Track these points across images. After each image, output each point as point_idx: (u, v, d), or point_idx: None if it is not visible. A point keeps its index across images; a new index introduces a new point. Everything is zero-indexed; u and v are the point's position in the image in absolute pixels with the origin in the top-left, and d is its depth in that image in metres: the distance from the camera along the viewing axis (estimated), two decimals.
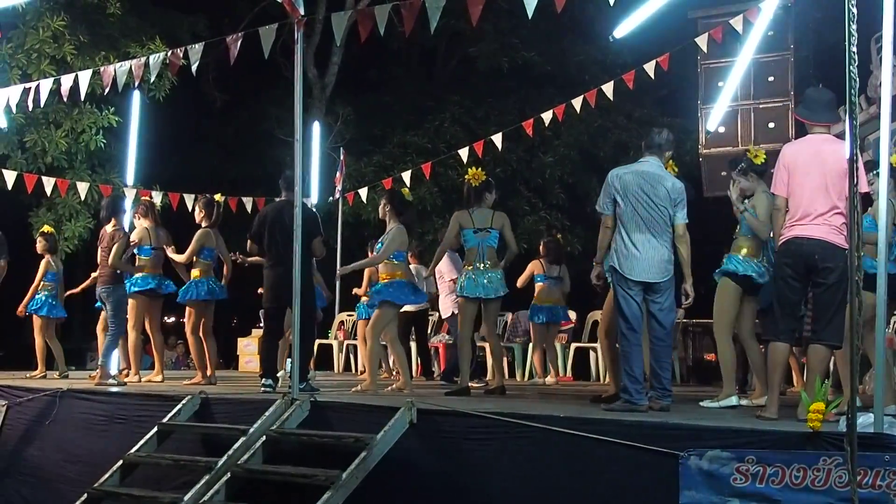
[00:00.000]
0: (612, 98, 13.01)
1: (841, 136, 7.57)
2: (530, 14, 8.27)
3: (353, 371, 15.34)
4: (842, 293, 6.99)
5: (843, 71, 5.47)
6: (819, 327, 7.24)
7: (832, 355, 7.56)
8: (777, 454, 6.13)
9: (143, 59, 10.42)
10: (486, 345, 12.15)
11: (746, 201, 8.71)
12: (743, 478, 6.16)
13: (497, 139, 14.39)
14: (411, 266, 12.44)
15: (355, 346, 14.94)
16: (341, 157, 17.08)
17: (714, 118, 13.05)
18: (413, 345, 14.00)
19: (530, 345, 14.00)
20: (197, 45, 9.66)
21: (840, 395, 7.16)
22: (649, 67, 12.28)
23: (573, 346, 14.54)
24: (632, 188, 7.86)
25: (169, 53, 10.15)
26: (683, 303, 8.08)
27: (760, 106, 14.70)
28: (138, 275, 11.44)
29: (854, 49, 5.37)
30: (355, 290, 13.35)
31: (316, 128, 16.85)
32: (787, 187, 7.29)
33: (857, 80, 5.45)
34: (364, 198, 17.62)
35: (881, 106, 6.81)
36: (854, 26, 5.39)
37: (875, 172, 7.49)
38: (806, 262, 7.18)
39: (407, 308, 11.41)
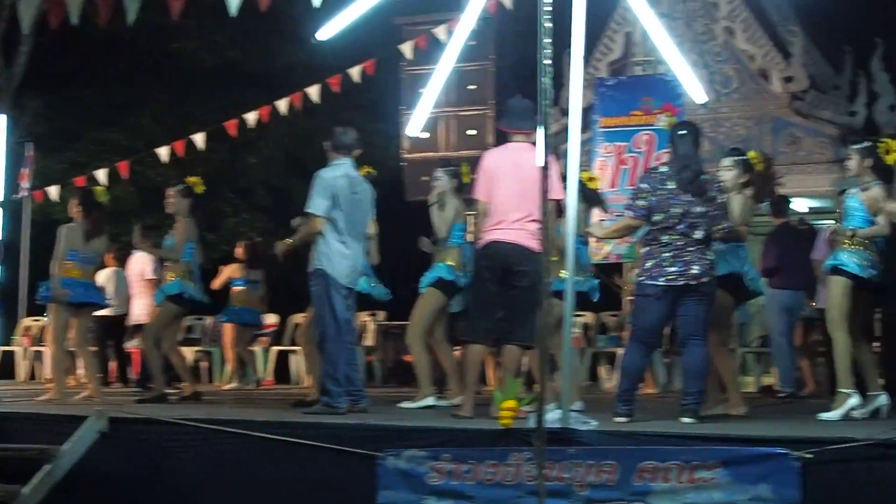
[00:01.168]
0: (317, 101, 13.06)
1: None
2: (234, 12, 8.17)
3: (39, 379, 14.57)
4: (535, 297, 7.28)
5: (538, 82, 5.68)
6: (513, 328, 7.49)
7: (524, 355, 7.84)
8: (471, 451, 6.31)
9: None
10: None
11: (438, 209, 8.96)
12: (438, 476, 6.30)
13: (199, 139, 14.13)
14: (108, 269, 12.09)
15: (41, 353, 14.32)
16: (29, 153, 16.25)
17: (416, 124, 13.29)
18: (110, 350, 13.53)
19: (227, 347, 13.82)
20: None
21: (532, 393, 7.45)
22: (355, 72, 12.41)
23: (274, 349, 14.47)
24: (344, 192, 7.91)
25: None
26: None
27: (461, 113, 15.12)
28: None
29: (548, 62, 5.60)
30: None
31: (0, 120, 15.99)
32: (487, 193, 7.53)
33: (551, 91, 5.67)
34: (54, 196, 16.81)
35: (570, 118, 7.15)
36: (548, 40, 5.62)
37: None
38: (502, 265, 7.41)
39: (104, 312, 11.05)
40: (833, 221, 8.38)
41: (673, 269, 7.12)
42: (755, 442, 5.98)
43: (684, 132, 7.41)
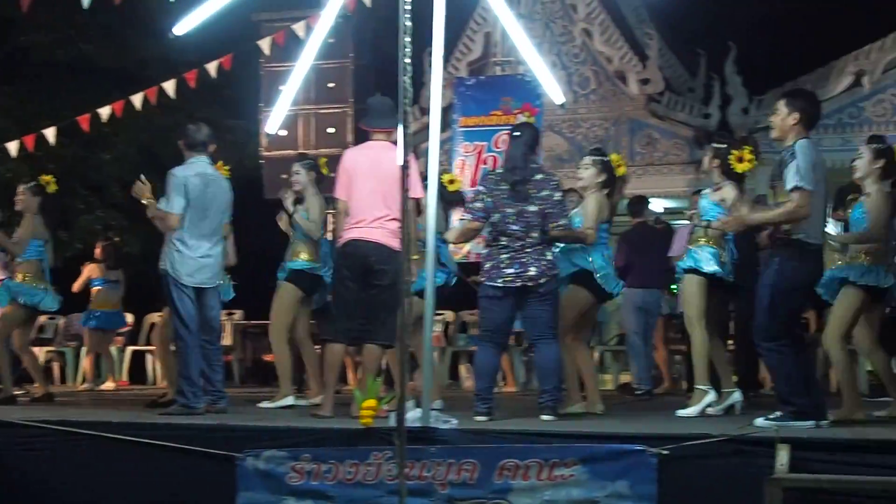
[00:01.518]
0: (173, 97, 12.81)
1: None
2: (86, 4, 7.96)
3: None
4: (395, 296, 7.27)
5: (399, 80, 5.67)
6: (373, 328, 7.48)
7: (384, 354, 7.83)
8: (331, 451, 6.28)
9: None
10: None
11: (300, 205, 8.88)
12: (298, 476, 6.26)
13: (50, 133, 13.74)
14: None
15: None
16: None
17: (275, 121, 13.15)
18: None
19: (83, 349, 13.51)
20: None
21: (392, 392, 7.44)
22: (212, 67, 12.20)
23: (129, 349, 14.18)
24: (196, 191, 7.78)
25: None
26: None
27: (321, 111, 15.01)
28: None
29: (408, 61, 5.59)
30: None
31: None
32: (347, 191, 7.49)
33: (411, 90, 5.66)
34: None
35: (430, 117, 7.16)
36: (408, 39, 5.60)
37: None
38: (362, 264, 7.40)
39: None
40: (688, 221, 8.56)
41: (510, 270, 7.21)
42: (613, 439, 6.07)
43: (518, 134, 7.52)
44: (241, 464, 6.36)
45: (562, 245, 7.83)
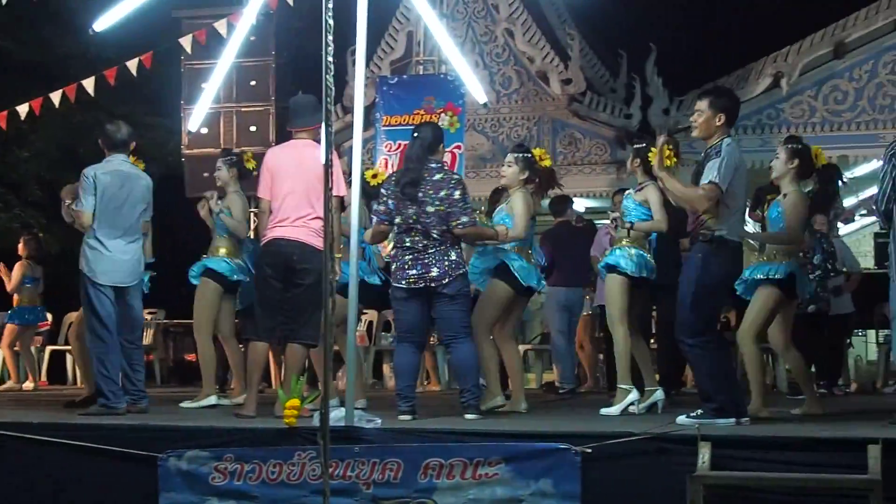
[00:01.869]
0: (93, 94, 12.64)
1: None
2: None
3: None
4: (318, 294, 7.27)
5: (321, 79, 5.65)
6: (296, 327, 7.46)
7: (308, 353, 7.81)
8: (254, 451, 6.25)
9: None
10: None
11: (220, 202, 8.83)
12: (221, 476, 6.22)
13: None
14: None
15: None
16: None
17: (196, 119, 13.03)
18: None
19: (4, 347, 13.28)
20: None
21: (316, 391, 7.42)
22: (132, 65, 12.05)
23: (49, 349, 13.97)
24: (110, 189, 7.69)
25: None
26: None
27: (243, 109, 14.88)
28: None
29: (331, 59, 5.57)
30: None
31: None
32: (270, 190, 7.45)
33: (333, 89, 5.64)
34: None
35: (353, 116, 7.14)
36: (330, 37, 5.58)
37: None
38: (285, 262, 7.37)
39: None
40: (610, 221, 8.62)
41: (413, 271, 7.23)
42: (537, 437, 6.10)
43: (416, 134, 7.52)
44: (163, 464, 6.30)
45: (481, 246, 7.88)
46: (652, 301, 8.83)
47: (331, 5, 5.67)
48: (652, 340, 9.92)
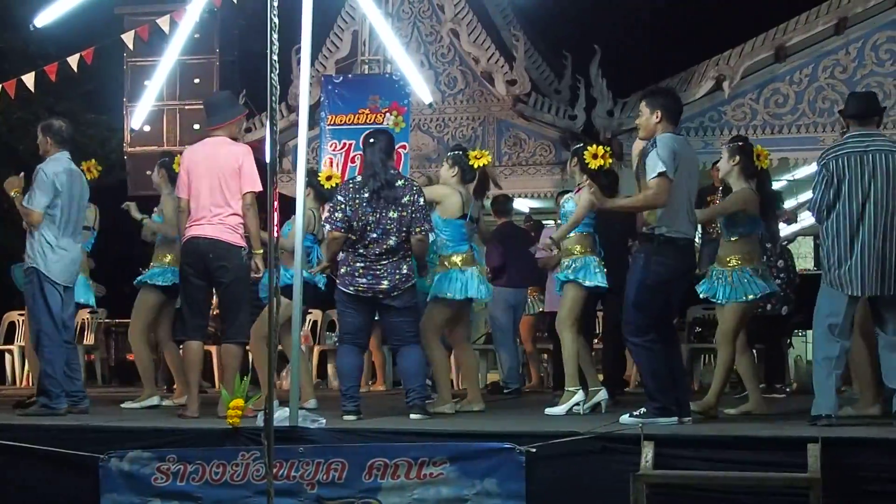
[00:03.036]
0: (33, 90, 12.49)
1: (262, 141, 7.80)
2: None
3: None
4: (242, 291, 7.27)
5: (266, 78, 5.63)
6: (227, 326, 7.49)
7: (245, 352, 7.78)
8: (198, 452, 6.22)
9: None
10: None
11: (157, 209, 8.81)
12: (164, 477, 6.18)
13: None
14: None
15: None
16: None
17: (139, 117, 12.93)
18: None
19: None
20: None
21: (259, 391, 7.39)
22: (73, 60, 11.92)
23: None
24: (66, 188, 7.66)
25: None
26: None
27: (186, 107, 14.81)
28: None
29: (276, 57, 5.54)
30: None
31: None
32: (188, 189, 7.45)
33: (278, 87, 5.62)
34: None
35: (299, 114, 7.12)
36: (276, 35, 5.56)
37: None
38: (203, 260, 7.38)
39: None
40: (553, 221, 8.66)
41: (363, 280, 7.24)
42: (481, 437, 6.11)
43: (373, 140, 7.52)
44: (104, 465, 6.25)
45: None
46: (598, 303, 8.86)
47: (276, 3, 5.66)
48: (596, 341, 9.98)
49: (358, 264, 7.26)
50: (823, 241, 6.72)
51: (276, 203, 5.69)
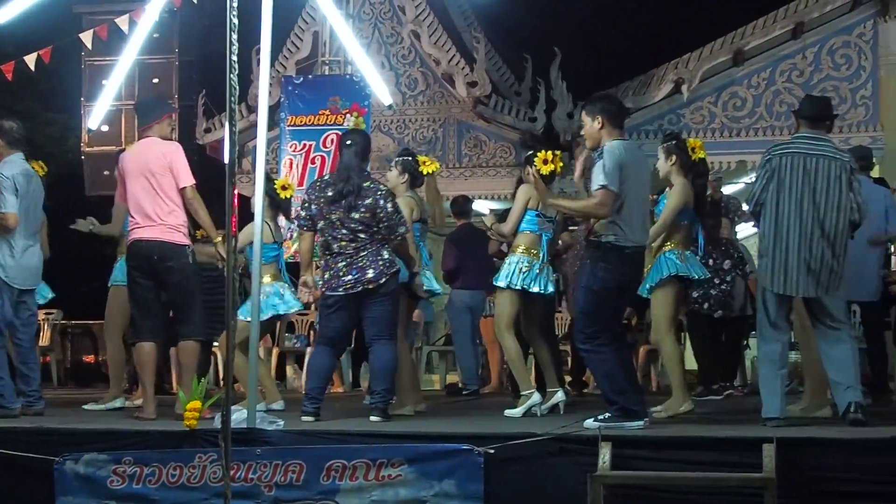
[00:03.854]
0: None
1: (222, 141, 7.77)
2: None
3: None
4: (193, 289, 7.25)
5: (226, 78, 5.62)
6: (181, 324, 7.46)
7: (203, 348, 7.75)
8: (154, 454, 6.18)
9: None
10: None
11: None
12: (120, 479, 6.14)
13: None
14: None
15: None
16: None
17: (97, 116, 12.84)
18: None
19: None
20: None
21: (218, 393, 7.36)
22: (30, 60, 11.82)
23: None
24: (23, 188, 7.62)
25: None
26: None
27: None
28: None
29: (235, 58, 5.53)
30: None
31: None
32: (123, 194, 7.54)
33: (238, 88, 5.60)
34: None
35: (259, 114, 7.10)
36: (235, 36, 5.54)
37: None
38: (149, 263, 7.34)
39: None
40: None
41: (349, 277, 7.20)
42: (439, 439, 6.11)
43: (350, 142, 7.48)
44: (60, 468, 6.20)
45: None
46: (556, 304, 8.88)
47: (235, 4, 5.64)
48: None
49: (340, 263, 7.21)
50: (759, 238, 6.79)
51: (235, 203, 5.66)
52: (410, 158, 8.18)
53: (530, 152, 7.91)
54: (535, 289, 7.70)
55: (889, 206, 8.34)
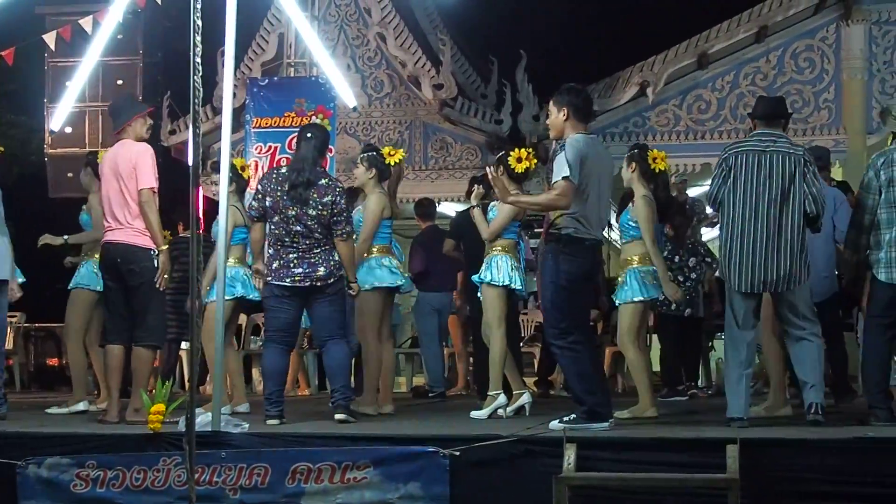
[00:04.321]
0: None
1: (186, 143, 7.73)
2: None
3: None
4: (151, 294, 7.21)
5: (190, 80, 5.59)
6: (136, 329, 7.38)
7: (153, 355, 7.72)
8: (118, 457, 6.14)
9: None
10: None
11: (85, 207, 8.71)
12: (84, 483, 6.10)
13: None
14: None
15: None
16: None
17: (60, 118, 12.77)
18: None
19: None
20: None
21: (183, 396, 7.32)
22: None
23: None
24: None
25: None
26: None
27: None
28: None
29: (199, 60, 5.51)
30: None
31: None
32: (99, 194, 7.44)
33: (202, 90, 5.58)
34: None
35: (223, 116, 7.07)
36: (199, 37, 5.52)
37: None
38: (114, 265, 7.32)
39: None
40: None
41: (298, 270, 7.21)
42: (405, 441, 6.11)
43: (309, 136, 7.47)
44: (22, 472, 6.15)
45: None
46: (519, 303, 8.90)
47: (199, 6, 5.62)
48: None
49: (291, 255, 7.21)
50: (719, 238, 6.85)
51: (198, 204, 5.64)
52: (376, 153, 8.18)
53: (502, 153, 7.92)
54: (517, 286, 7.76)
55: (839, 206, 8.35)
